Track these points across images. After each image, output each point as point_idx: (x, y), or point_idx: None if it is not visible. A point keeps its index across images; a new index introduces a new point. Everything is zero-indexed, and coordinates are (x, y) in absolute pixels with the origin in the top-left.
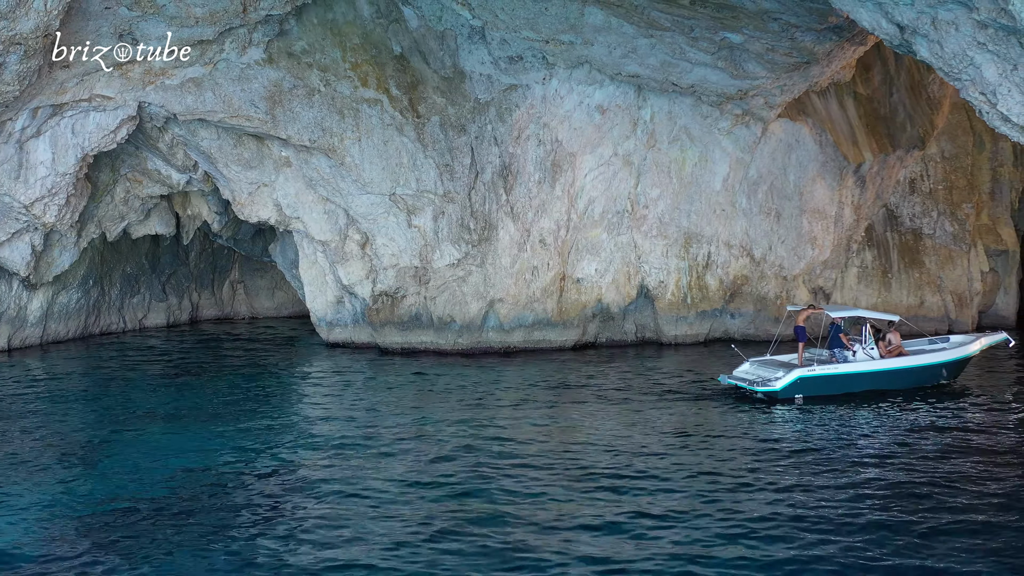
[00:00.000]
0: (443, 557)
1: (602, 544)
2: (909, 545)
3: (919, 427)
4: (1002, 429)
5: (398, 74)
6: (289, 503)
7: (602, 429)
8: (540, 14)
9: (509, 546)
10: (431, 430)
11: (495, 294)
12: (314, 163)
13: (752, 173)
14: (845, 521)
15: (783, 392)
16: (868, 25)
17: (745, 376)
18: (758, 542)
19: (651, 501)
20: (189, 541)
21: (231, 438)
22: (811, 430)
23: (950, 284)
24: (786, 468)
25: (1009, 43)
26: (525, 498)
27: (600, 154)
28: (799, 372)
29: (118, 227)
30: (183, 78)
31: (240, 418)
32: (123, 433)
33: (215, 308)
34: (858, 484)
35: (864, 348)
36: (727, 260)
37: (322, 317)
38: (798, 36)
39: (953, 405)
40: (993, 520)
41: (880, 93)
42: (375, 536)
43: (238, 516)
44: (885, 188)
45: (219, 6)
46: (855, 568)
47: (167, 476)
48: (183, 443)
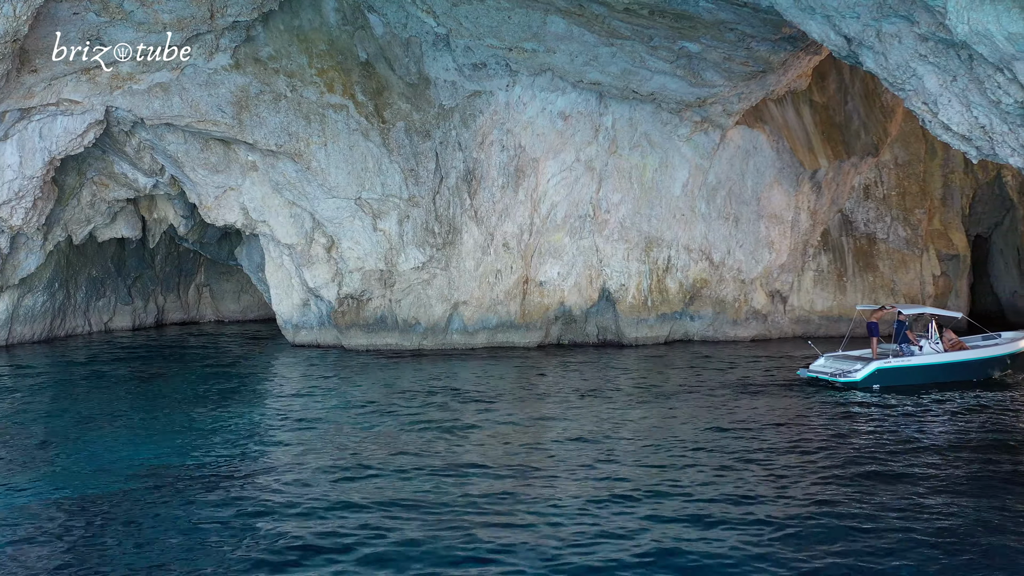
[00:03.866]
0: (415, 550)
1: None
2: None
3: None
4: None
5: (364, 80)
6: (252, 501)
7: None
8: (503, 22)
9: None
10: (395, 427)
11: (459, 297)
12: (280, 167)
13: (711, 179)
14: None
15: (863, 382)
16: (817, 37)
17: (823, 369)
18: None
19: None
20: (150, 536)
21: (195, 437)
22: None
23: (903, 287)
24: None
25: (948, 56)
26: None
27: (563, 160)
28: (877, 364)
29: (84, 230)
30: (150, 83)
31: (205, 418)
32: (86, 431)
33: (181, 311)
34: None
35: (929, 342)
36: (687, 264)
37: (288, 320)
38: (754, 46)
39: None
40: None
41: (835, 101)
42: (340, 531)
43: (200, 512)
44: (840, 194)
45: (186, 12)
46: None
47: (129, 474)
48: (146, 442)
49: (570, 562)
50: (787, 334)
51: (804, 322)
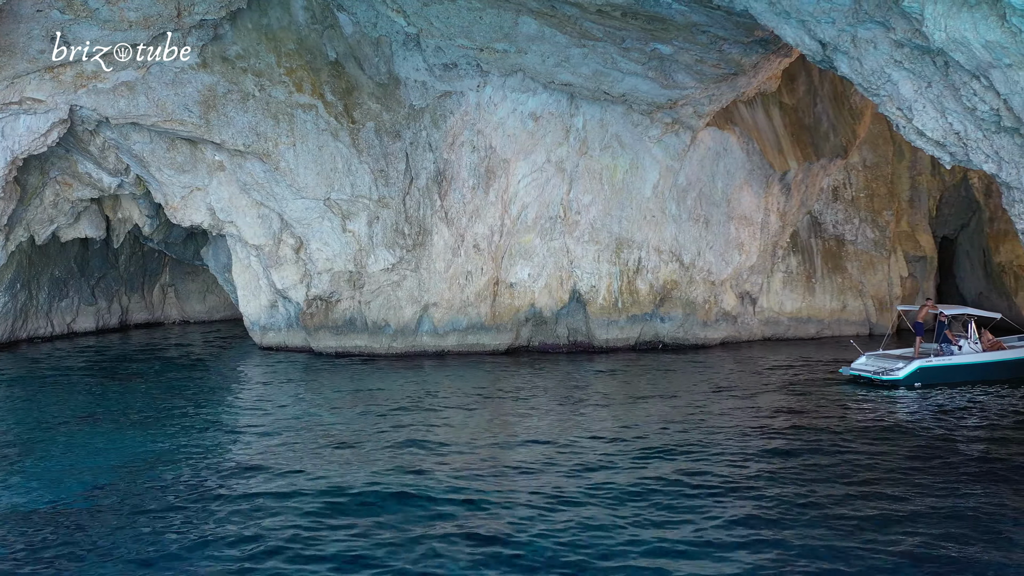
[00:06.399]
0: (389, 559)
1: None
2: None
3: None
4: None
5: (333, 80)
6: (218, 505)
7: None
8: (474, 23)
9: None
10: (363, 430)
11: (429, 298)
12: (248, 167)
13: (681, 180)
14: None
15: (905, 380)
16: (792, 41)
17: (866, 367)
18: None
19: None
20: (116, 542)
21: (160, 442)
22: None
23: (871, 288)
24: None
25: (924, 62)
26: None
27: (533, 161)
28: (919, 362)
29: (47, 230)
30: (116, 82)
31: (170, 422)
32: (50, 436)
33: (145, 312)
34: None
35: (969, 342)
36: (657, 265)
37: (255, 321)
38: (726, 48)
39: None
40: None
41: (805, 103)
42: (306, 536)
43: (165, 519)
44: (809, 195)
45: (153, 10)
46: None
47: (93, 479)
48: (111, 446)
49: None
50: (756, 336)
51: (773, 324)
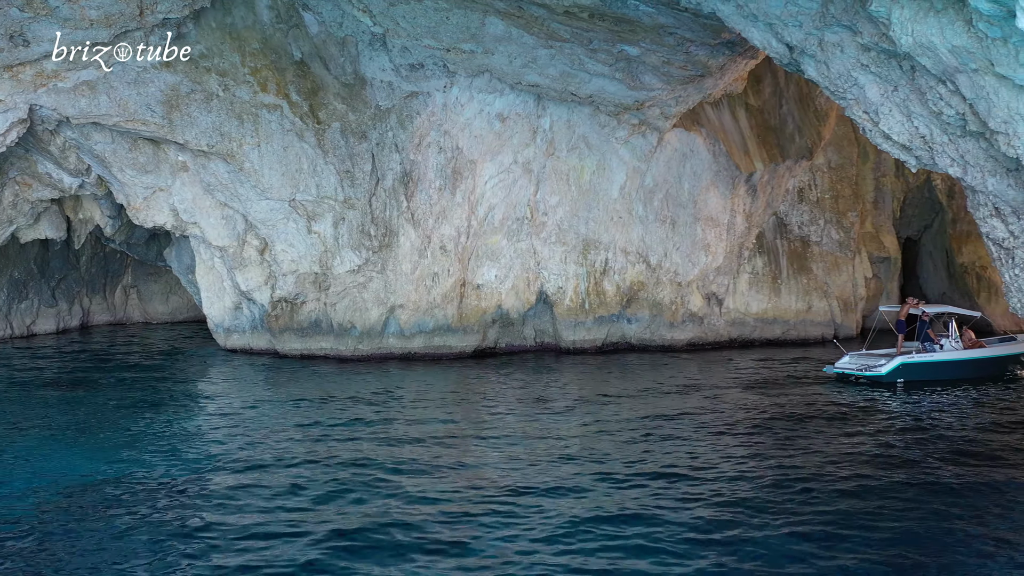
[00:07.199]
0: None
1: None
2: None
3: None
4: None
5: (298, 80)
6: (181, 512)
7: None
8: (441, 23)
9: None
10: (327, 434)
11: (396, 300)
12: (212, 168)
13: (648, 181)
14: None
15: (887, 376)
16: (759, 44)
17: (849, 365)
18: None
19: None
20: (78, 552)
21: (123, 448)
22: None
23: (836, 289)
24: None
25: (890, 66)
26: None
27: (500, 162)
28: (901, 359)
29: (6, 231)
30: (77, 81)
31: (133, 427)
32: (10, 444)
33: (107, 313)
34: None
35: (950, 340)
36: (624, 266)
37: (219, 323)
38: (693, 50)
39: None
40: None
41: (770, 105)
42: (272, 543)
43: (129, 526)
44: (775, 197)
45: (114, 9)
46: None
47: (51, 489)
48: (74, 453)
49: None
50: (723, 336)
51: (739, 324)
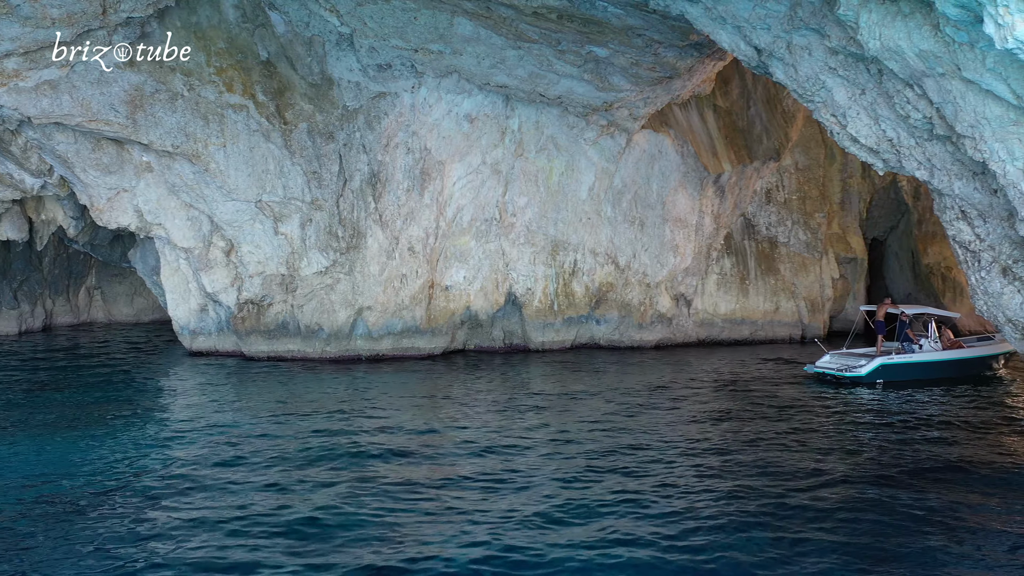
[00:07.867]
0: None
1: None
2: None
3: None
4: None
5: (265, 80)
6: (147, 514)
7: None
8: (409, 23)
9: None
10: (296, 435)
11: (364, 302)
12: (177, 169)
13: (617, 182)
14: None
15: (867, 377)
16: (728, 46)
17: (829, 364)
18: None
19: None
20: (39, 556)
21: (83, 451)
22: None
23: (804, 290)
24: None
25: (858, 69)
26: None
27: (469, 162)
28: (881, 360)
29: None
30: (38, 80)
31: (97, 429)
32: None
33: (70, 315)
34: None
35: (929, 341)
36: (593, 267)
37: (185, 325)
38: (661, 52)
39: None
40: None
41: (738, 106)
42: (238, 540)
43: (92, 530)
44: (743, 198)
45: (77, 8)
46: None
47: (16, 490)
48: (36, 456)
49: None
50: (691, 337)
51: (708, 325)
